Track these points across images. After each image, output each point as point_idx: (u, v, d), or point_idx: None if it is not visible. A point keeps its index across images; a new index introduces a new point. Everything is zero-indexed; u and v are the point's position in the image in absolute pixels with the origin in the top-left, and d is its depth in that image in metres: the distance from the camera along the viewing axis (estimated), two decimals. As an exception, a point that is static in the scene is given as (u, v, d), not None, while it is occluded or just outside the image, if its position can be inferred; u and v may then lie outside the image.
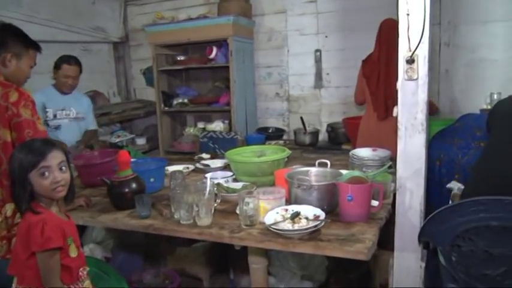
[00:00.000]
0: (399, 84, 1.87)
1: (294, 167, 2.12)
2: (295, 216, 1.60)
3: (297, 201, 1.77)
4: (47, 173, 1.46)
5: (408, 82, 1.85)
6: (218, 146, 3.85)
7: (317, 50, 4.45)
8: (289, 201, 1.82)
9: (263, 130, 4.58)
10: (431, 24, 3.96)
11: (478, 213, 1.64)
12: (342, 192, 1.68)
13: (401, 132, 1.90)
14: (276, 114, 4.79)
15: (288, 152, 2.28)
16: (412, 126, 1.88)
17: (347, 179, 1.71)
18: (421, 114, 1.85)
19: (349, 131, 3.80)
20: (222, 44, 4.24)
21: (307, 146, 4.07)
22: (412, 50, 1.80)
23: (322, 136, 4.45)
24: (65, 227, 1.48)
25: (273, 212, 1.64)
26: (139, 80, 5.35)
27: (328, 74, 4.46)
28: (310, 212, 1.64)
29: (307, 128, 4.19)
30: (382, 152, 2.44)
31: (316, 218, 1.60)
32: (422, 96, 1.84)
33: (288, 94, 4.69)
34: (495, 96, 3.54)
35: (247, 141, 3.93)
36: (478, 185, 1.84)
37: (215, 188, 1.92)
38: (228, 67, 4.14)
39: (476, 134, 2.28)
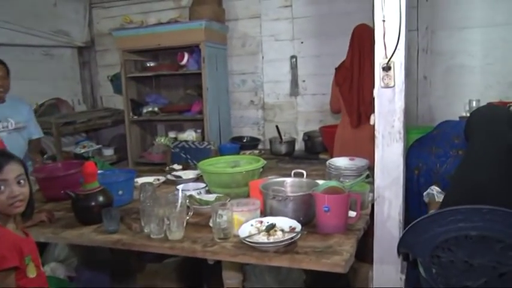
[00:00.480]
0: (376, 91, 1.93)
1: (269, 177, 2.14)
2: (271, 228, 1.62)
3: (273, 213, 1.79)
4: (3, 187, 1.43)
5: (385, 90, 1.90)
6: (190, 156, 3.84)
7: (292, 56, 4.51)
8: (264, 213, 1.84)
9: (237, 139, 4.60)
10: (408, 30, 4.07)
11: (457, 223, 1.69)
12: (318, 203, 1.71)
13: (378, 141, 1.95)
14: (251, 123, 4.83)
15: (262, 162, 2.30)
16: (390, 135, 1.93)
17: (323, 190, 1.74)
18: (398, 122, 1.91)
19: (326, 140, 3.86)
20: (194, 49, 4.26)
21: (283, 155, 4.11)
22: (388, 57, 1.86)
23: (299, 145, 4.49)
24: (22, 245, 1.45)
25: (248, 225, 1.66)
26: (106, 87, 5.30)
27: (304, 81, 4.53)
28: (285, 223, 1.66)
29: (283, 137, 4.23)
30: (359, 161, 2.49)
31: (292, 229, 1.62)
32: (399, 103, 1.90)
33: (263, 102, 4.73)
34: (474, 104, 3.66)
35: (221, 151, 3.94)
36: (456, 194, 1.90)
37: (187, 201, 1.92)
38: (200, 74, 4.16)
39: (455, 141, 2.35)
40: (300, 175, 2.14)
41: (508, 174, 1.83)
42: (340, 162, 2.51)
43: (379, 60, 1.89)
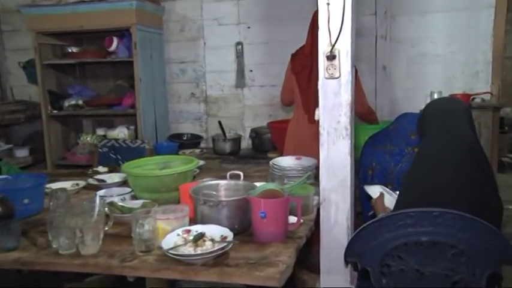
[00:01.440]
0: (320, 83, 1.96)
1: (203, 180, 2.14)
2: (199, 238, 1.62)
3: (204, 221, 1.78)
4: None
5: (329, 81, 1.94)
6: (121, 157, 3.79)
7: (238, 43, 4.53)
8: (195, 221, 1.83)
9: (176, 137, 4.57)
10: (365, 15, 4.20)
11: (407, 228, 1.74)
12: (254, 209, 1.72)
13: (323, 138, 1.99)
14: (192, 118, 4.81)
15: (196, 162, 2.29)
16: (335, 131, 1.97)
17: (259, 193, 1.76)
18: (344, 117, 1.95)
19: (275, 137, 3.89)
20: (124, 34, 4.19)
21: (228, 154, 4.12)
22: (333, 45, 1.89)
23: (246, 143, 4.53)
24: None
25: (173, 234, 1.65)
26: (17, 75, 5.06)
27: (251, 71, 4.55)
28: (216, 232, 1.67)
29: (227, 134, 4.23)
30: (306, 161, 2.52)
31: (224, 239, 1.63)
32: (345, 96, 1.94)
33: (206, 94, 4.72)
34: (435, 96, 3.78)
35: (157, 151, 3.91)
36: (409, 198, 1.96)
37: (106, 208, 1.89)
38: (131, 62, 4.10)
39: (411, 138, 2.42)
40: (237, 177, 2.15)
41: (467, 176, 1.90)
42: (285, 161, 2.54)
43: (323, 48, 1.92)
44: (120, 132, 4.33)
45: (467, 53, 4.02)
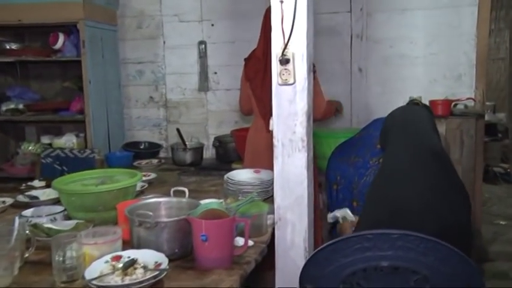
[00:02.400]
0: (273, 90, 1.94)
1: (146, 197, 2.10)
2: (129, 265, 1.57)
3: (140, 244, 1.74)
4: None
5: (283, 88, 1.91)
6: (68, 168, 3.73)
7: (201, 42, 4.50)
8: (131, 245, 1.79)
9: (132, 146, 4.52)
10: (336, 13, 4.20)
11: (364, 252, 1.72)
12: (195, 231, 1.68)
13: (277, 150, 1.96)
14: (150, 125, 4.77)
15: (139, 176, 2.25)
16: (291, 143, 1.94)
17: (201, 213, 1.72)
18: (300, 128, 1.93)
19: (240, 146, 3.85)
20: (71, 30, 4.12)
21: (188, 165, 4.08)
22: (287, 47, 1.86)
23: (210, 152, 4.49)
24: None
25: (100, 262, 1.59)
26: None
27: (215, 73, 4.53)
28: (151, 258, 1.62)
29: (187, 143, 4.20)
30: (266, 174, 2.50)
31: (158, 266, 1.58)
32: (301, 104, 1.92)
33: (166, 99, 4.68)
34: (414, 98, 3.80)
35: (109, 162, 3.86)
36: (372, 215, 1.94)
37: (27, 231, 1.83)
38: (80, 62, 4.03)
39: (376, 147, 2.41)
40: (181, 194, 2.11)
41: (435, 187, 1.89)
42: (242, 175, 2.51)
43: (276, 52, 1.89)
44: (68, 141, 4.25)
45: (449, 54, 4.04)
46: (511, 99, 7.12)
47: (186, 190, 2.15)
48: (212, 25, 4.48)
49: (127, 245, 1.79)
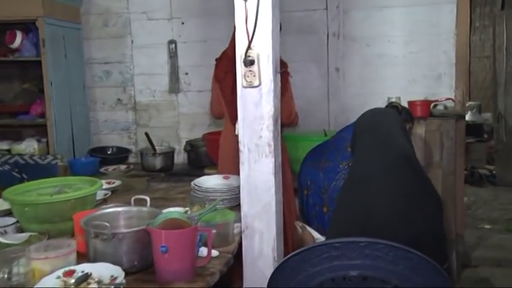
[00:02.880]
0: (238, 93, 1.94)
1: (105, 206, 2.09)
2: (83, 280, 1.56)
3: (97, 257, 1.73)
4: None
5: (248, 90, 1.92)
6: (28, 176, 3.67)
7: (171, 41, 4.50)
8: (87, 258, 1.78)
9: (99, 151, 4.49)
10: (312, 10, 4.21)
11: (332, 261, 1.73)
12: (154, 242, 1.68)
13: (243, 156, 1.97)
14: (119, 129, 4.75)
15: (99, 184, 2.24)
16: (257, 148, 1.95)
17: (161, 223, 1.72)
18: (267, 132, 1.94)
19: (211, 151, 3.86)
20: (30, 28, 4.07)
21: (158, 171, 4.06)
22: (250, 48, 1.87)
23: (181, 157, 4.48)
24: None
25: (51, 277, 1.58)
26: None
27: (187, 73, 4.54)
28: (107, 272, 1.61)
29: (157, 148, 4.18)
30: (235, 181, 2.50)
31: (113, 280, 1.58)
32: (267, 108, 1.93)
33: (134, 101, 4.66)
34: (393, 101, 3.84)
35: (72, 168, 3.82)
36: (341, 223, 1.96)
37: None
38: (40, 62, 3.99)
39: (347, 151, 2.43)
40: (142, 202, 2.10)
41: (407, 194, 1.91)
42: (210, 181, 2.52)
43: (240, 52, 1.90)
44: (29, 146, 4.20)
45: (428, 53, 4.10)
46: (496, 99, 7.20)
47: (148, 198, 2.15)
48: (182, 23, 4.48)
49: (83, 258, 1.79)
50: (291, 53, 4.14)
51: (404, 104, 3.77)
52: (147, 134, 4.16)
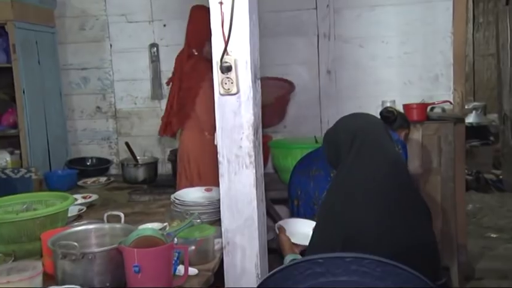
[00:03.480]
0: (216, 100, 1.96)
1: (78, 223, 2.10)
2: (50, 304, 1.57)
3: (66, 280, 1.74)
4: None
5: (226, 98, 1.94)
6: (-1, 191, 3.68)
7: (153, 45, 4.52)
8: (55, 281, 1.79)
9: (78, 163, 4.50)
10: (301, 10, 4.23)
11: (317, 278, 1.74)
12: (127, 261, 1.69)
13: (223, 167, 1.99)
14: (99, 138, 4.75)
15: (71, 200, 2.24)
16: (237, 159, 1.97)
17: (134, 241, 1.73)
18: (247, 142, 1.95)
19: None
20: (0, 32, 4.08)
21: (141, 183, 4.07)
22: (227, 53, 1.89)
23: (166, 168, 4.49)
24: None
25: (15, 304, 1.59)
26: None
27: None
28: (74, 295, 1.62)
29: (139, 158, 4.20)
30: (217, 193, 2.51)
31: (82, 304, 1.59)
32: (247, 116, 1.94)
33: (115, 108, 4.67)
34: (388, 105, 3.85)
35: (49, 182, 3.82)
36: (324, 235, 1.97)
37: None
38: (11, 69, 3.98)
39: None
40: (116, 219, 2.11)
41: (393, 207, 1.94)
42: (191, 194, 2.53)
43: (216, 58, 1.91)
44: (1, 159, 4.19)
45: (424, 54, 4.13)
46: (501, 99, 7.20)
47: (122, 214, 2.16)
48: (164, 25, 4.49)
49: (51, 280, 1.79)
50: (279, 56, 4.17)
51: (400, 107, 3.81)
52: (127, 144, 4.16)
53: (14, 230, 2.07)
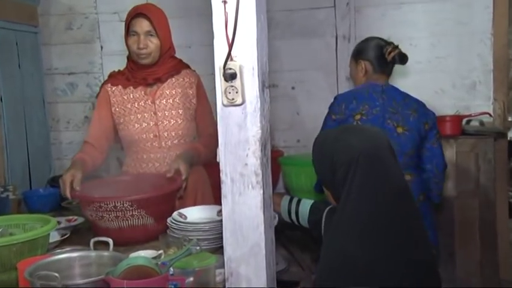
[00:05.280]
0: (218, 112, 1.97)
1: (60, 250, 2.12)
2: None
3: (44, 315, 1.76)
4: None
5: (230, 109, 1.95)
6: (-29, 212, 3.70)
7: (148, 46, 4.54)
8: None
9: (61, 180, 4.51)
10: (317, 8, 4.26)
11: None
12: (115, 295, 1.71)
13: (226, 187, 1.99)
14: (87, 153, 4.76)
15: (53, 223, 2.26)
16: (242, 178, 1.97)
17: (124, 271, 1.75)
18: (253, 159, 1.96)
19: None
20: (-25, 32, 4.14)
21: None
22: (231, 59, 1.90)
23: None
24: None
25: None
26: None
27: (167, 84, 4.56)
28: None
29: (130, 175, 4.21)
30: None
31: None
32: (254, 130, 1.95)
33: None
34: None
35: (28, 203, 3.83)
36: (323, 271, 2.03)
37: None
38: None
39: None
40: (103, 245, 2.13)
41: (397, 237, 1.98)
42: (193, 215, 2.57)
43: (219, 64, 1.93)
44: (-25, 176, 4.24)
45: (459, 58, 4.15)
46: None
47: (110, 241, 2.17)
48: (161, 25, 4.51)
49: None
50: (292, 61, 4.19)
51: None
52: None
53: (-15, 259, 2.08)
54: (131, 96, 3.22)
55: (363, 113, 3.10)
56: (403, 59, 3.32)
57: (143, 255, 2.12)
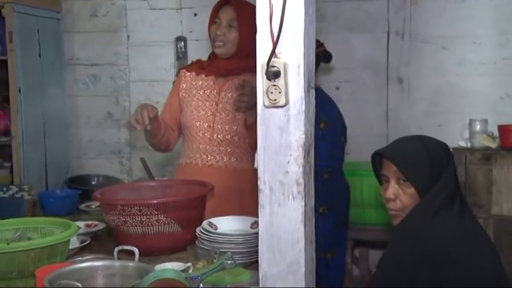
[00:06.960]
0: (259, 113, 1.98)
1: (81, 258, 2.14)
2: None
3: (65, 327, 1.79)
4: None
5: (272, 111, 1.95)
6: (-18, 213, 3.75)
7: (180, 38, 4.61)
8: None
9: (80, 181, 4.52)
10: (368, 0, 4.25)
11: None
12: (141, 310, 1.73)
13: (263, 197, 2.00)
14: (108, 152, 4.84)
15: (74, 228, 2.29)
16: (282, 187, 1.98)
17: (150, 284, 1.76)
18: (296, 166, 1.96)
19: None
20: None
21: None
22: (275, 55, 1.91)
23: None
24: None
25: None
26: None
27: (199, 80, 4.59)
28: None
29: (157, 178, 4.22)
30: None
31: None
32: (297, 134, 1.95)
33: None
34: (478, 127, 3.84)
35: (44, 204, 3.87)
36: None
37: None
38: (6, 62, 4.09)
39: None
40: (129, 255, 2.15)
41: None
42: (225, 226, 2.58)
43: (261, 61, 1.94)
44: (-11, 174, 4.31)
45: (528, 59, 4.08)
46: None
47: (136, 250, 2.19)
48: (195, 15, 4.57)
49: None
50: (338, 58, 4.17)
51: (494, 128, 3.80)
52: (143, 160, 4.20)
53: (2, 263, 2.09)
54: (199, 84, 3.33)
55: None
56: (327, 57, 3.33)
57: (170, 267, 2.13)
